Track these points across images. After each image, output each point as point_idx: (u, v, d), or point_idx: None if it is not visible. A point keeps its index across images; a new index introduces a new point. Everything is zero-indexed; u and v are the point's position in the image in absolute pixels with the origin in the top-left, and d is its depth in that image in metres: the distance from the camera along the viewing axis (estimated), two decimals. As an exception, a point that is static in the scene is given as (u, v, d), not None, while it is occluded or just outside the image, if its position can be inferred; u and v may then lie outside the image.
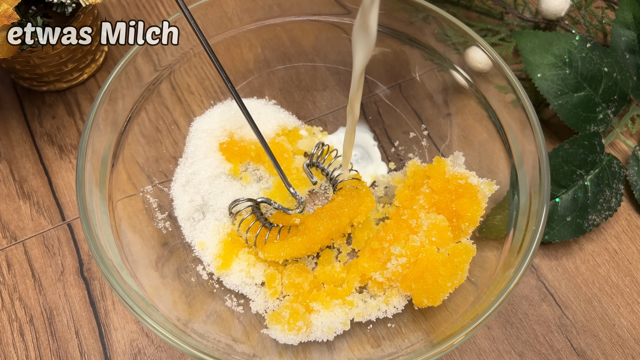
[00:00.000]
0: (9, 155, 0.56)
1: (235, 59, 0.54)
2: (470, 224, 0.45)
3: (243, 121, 0.52)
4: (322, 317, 0.44)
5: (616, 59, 0.52)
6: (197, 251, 0.47)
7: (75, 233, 0.52)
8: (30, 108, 0.58)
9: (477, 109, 0.49)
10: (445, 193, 0.46)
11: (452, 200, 0.45)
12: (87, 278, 0.50)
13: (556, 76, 0.52)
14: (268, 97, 0.55)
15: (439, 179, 0.46)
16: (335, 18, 0.52)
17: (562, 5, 0.56)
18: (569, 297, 0.49)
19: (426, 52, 0.50)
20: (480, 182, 0.46)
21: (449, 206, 0.45)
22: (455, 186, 0.46)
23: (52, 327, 0.48)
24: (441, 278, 0.42)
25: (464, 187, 0.45)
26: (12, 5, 0.45)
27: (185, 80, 0.52)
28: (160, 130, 0.51)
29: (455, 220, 0.45)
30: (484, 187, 0.46)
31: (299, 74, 0.56)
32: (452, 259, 0.42)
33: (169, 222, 0.48)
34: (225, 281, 0.46)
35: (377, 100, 0.55)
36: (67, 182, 0.54)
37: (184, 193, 0.49)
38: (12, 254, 0.51)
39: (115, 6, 0.65)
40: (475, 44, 0.46)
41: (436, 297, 0.42)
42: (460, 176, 0.46)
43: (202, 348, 0.37)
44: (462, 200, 0.45)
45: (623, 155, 0.56)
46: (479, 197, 0.45)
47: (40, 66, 0.54)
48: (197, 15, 0.49)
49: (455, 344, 0.36)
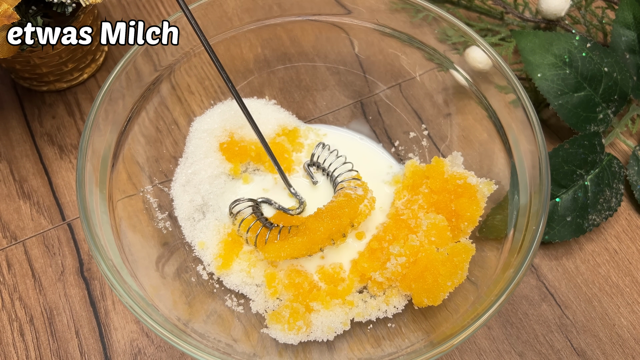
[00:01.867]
0: (9, 155, 0.56)
1: (235, 59, 0.54)
2: (469, 223, 0.45)
3: (243, 121, 0.52)
4: (322, 317, 0.44)
5: (616, 59, 0.52)
6: (197, 251, 0.47)
7: (75, 233, 0.52)
8: (30, 108, 0.58)
9: (477, 109, 0.49)
10: (445, 193, 0.46)
11: (451, 200, 0.45)
12: (87, 278, 0.50)
13: (556, 76, 0.52)
14: (268, 97, 0.55)
15: (438, 179, 0.46)
16: (336, 18, 0.52)
17: (562, 5, 0.56)
18: (569, 297, 0.49)
19: (426, 52, 0.50)
20: (479, 182, 0.46)
21: (448, 206, 0.45)
22: (454, 186, 0.46)
23: (52, 327, 0.48)
24: (441, 277, 0.42)
25: (462, 187, 0.45)
26: (12, 5, 0.45)
27: (185, 80, 0.52)
28: (161, 130, 0.51)
29: (454, 220, 0.45)
30: (483, 187, 0.46)
31: (299, 74, 0.56)
32: (452, 259, 0.42)
33: (169, 222, 0.48)
34: (225, 281, 0.46)
35: (377, 100, 0.55)
36: (67, 182, 0.54)
37: (184, 193, 0.49)
38: (12, 254, 0.51)
39: (115, 6, 0.65)
40: (475, 43, 0.46)
41: (436, 296, 0.42)
42: (459, 176, 0.46)
43: (202, 348, 0.37)
44: (461, 200, 0.45)
45: (623, 155, 0.56)
46: (478, 197, 0.45)
47: (40, 66, 0.54)
48: (197, 15, 0.49)
49: (455, 344, 0.36)
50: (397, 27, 0.51)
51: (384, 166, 0.53)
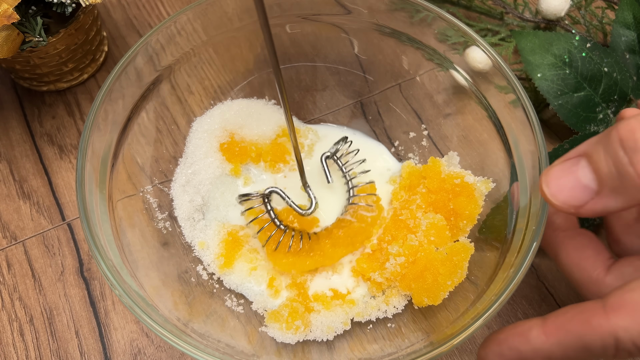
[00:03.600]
0: (9, 155, 0.56)
1: (235, 59, 0.54)
2: (468, 221, 0.45)
3: (243, 121, 0.52)
4: (322, 317, 0.44)
5: (616, 59, 0.52)
6: (197, 251, 0.47)
7: (75, 233, 0.52)
8: (30, 108, 0.58)
9: (477, 109, 0.49)
10: (442, 192, 0.46)
11: (449, 200, 0.46)
12: (87, 278, 0.50)
13: (556, 76, 0.52)
14: (268, 97, 0.55)
15: (435, 179, 0.47)
16: (335, 18, 0.52)
17: (562, 5, 0.56)
18: (569, 297, 0.49)
19: (426, 52, 0.50)
20: (477, 180, 0.46)
21: (446, 205, 0.46)
22: (451, 185, 0.46)
23: (52, 327, 0.48)
24: (441, 277, 0.42)
25: (460, 186, 0.46)
26: (12, 5, 0.45)
27: (185, 80, 0.52)
28: (161, 130, 0.51)
29: (453, 219, 0.45)
30: (480, 185, 0.46)
31: (299, 74, 0.56)
32: (451, 258, 0.42)
33: (169, 222, 0.48)
34: (225, 281, 0.46)
35: (377, 100, 0.55)
36: (67, 182, 0.54)
37: (184, 193, 0.49)
38: (12, 254, 0.51)
39: (115, 6, 0.65)
40: (475, 43, 0.46)
41: (436, 295, 0.42)
42: (456, 175, 0.46)
43: (202, 348, 0.37)
44: (459, 199, 0.45)
45: (623, 155, 0.56)
46: (476, 195, 0.45)
47: (40, 66, 0.54)
48: (197, 15, 0.49)
49: (455, 344, 0.36)
50: (397, 27, 0.51)
51: (383, 167, 0.53)
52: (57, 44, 0.53)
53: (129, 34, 0.63)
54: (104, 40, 0.61)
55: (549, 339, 0.31)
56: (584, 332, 0.30)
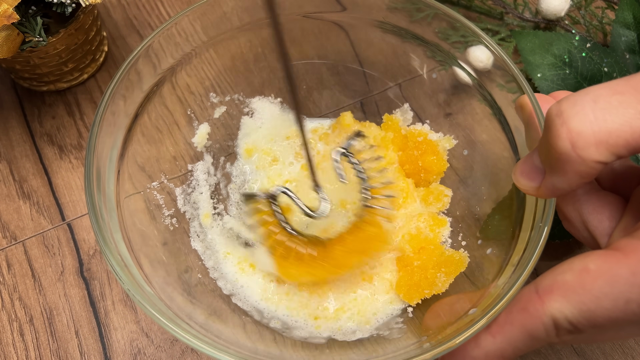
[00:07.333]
0: (9, 155, 0.56)
1: (235, 59, 0.54)
2: (437, 176, 0.49)
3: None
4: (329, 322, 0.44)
5: (616, 59, 0.52)
6: (201, 249, 0.47)
7: (75, 233, 0.52)
8: (30, 108, 0.58)
9: (480, 107, 0.49)
10: (408, 150, 0.49)
11: (416, 157, 0.49)
12: (87, 278, 0.50)
13: (556, 76, 0.52)
14: (267, 95, 0.55)
15: (398, 135, 0.50)
16: (336, 17, 0.52)
17: (562, 5, 0.56)
18: (569, 297, 0.49)
19: (428, 50, 0.50)
20: (439, 138, 0.50)
21: (415, 162, 0.49)
22: (414, 143, 0.49)
23: (52, 327, 0.47)
24: (430, 273, 0.43)
25: (425, 144, 0.49)
26: (12, 5, 0.45)
27: (185, 80, 0.52)
28: (161, 130, 0.51)
29: (423, 175, 0.49)
30: (443, 142, 0.49)
31: (299, 74, 0.56)
32: (440, 268, 0.43)
33: (175, 219, 0.48)
34: (227, 279, 0.46)
35: (377, 100, 0.55)
36: (67, 182, 0.54)
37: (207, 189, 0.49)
38: (12, 254, 0.51)
39: (115, 6, 0.65)
40: (478, 39, 0.45)
41: (412, 294, 0.44)
42: (418, 133, 0.49)
43: (216, 346, 0.36)
44: (427, 157, 0.48)
45: (623, 155, 0.56)
46: (440, 151, 0.49)
47: (40, 66, 0.54)
48: (197, 15, 0.49)
49: (455, 344, 0.36)
50: (398, 24, 0.51)
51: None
52: (57, 44, 0.53)
53: (129, 34, 0.63)
54: (104, 40, 0.61)
55: (496, 337, 0.32)
56: (525, 321, 0.30)
